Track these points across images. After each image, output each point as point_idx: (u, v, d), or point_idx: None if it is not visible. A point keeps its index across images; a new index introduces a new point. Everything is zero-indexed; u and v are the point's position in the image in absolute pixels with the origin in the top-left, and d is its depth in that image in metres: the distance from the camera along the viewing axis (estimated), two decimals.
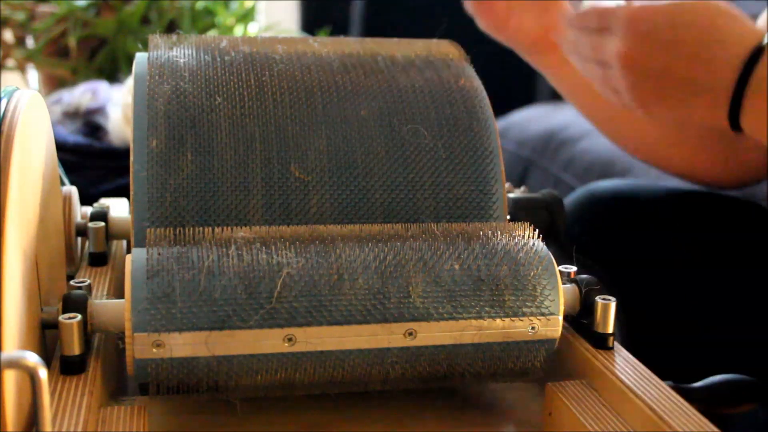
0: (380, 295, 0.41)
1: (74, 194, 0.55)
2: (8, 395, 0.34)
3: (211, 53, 0.51)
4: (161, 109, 0.47)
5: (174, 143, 0.46)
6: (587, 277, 0.47)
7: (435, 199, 0.48)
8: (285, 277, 0.41)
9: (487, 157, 0.50)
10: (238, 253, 0.41)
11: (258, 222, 0.46)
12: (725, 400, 0.52)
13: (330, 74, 0.51)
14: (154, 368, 0.40)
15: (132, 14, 1.33)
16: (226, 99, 0.48)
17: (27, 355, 0.31)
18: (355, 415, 0.47)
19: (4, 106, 0.40)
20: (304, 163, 0.47)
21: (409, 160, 0.48)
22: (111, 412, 0.40)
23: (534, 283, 0.43)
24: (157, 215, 0.45)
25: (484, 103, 0.52)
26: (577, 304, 0.47)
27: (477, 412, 0.48)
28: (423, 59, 0.54)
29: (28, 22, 1.37)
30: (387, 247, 0.43)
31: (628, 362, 0.44)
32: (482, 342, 0.43)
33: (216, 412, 0.46)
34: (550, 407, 0.45)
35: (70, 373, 0.40)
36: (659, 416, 0.39)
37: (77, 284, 0.44)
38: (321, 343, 0.41)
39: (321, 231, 0.44)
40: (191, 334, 0.39)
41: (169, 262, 0.41)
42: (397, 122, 0.49)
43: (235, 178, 0.46)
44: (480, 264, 0.43)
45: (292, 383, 0.43)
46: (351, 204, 0.47)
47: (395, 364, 0.43)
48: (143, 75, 0.49)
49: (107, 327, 0.42)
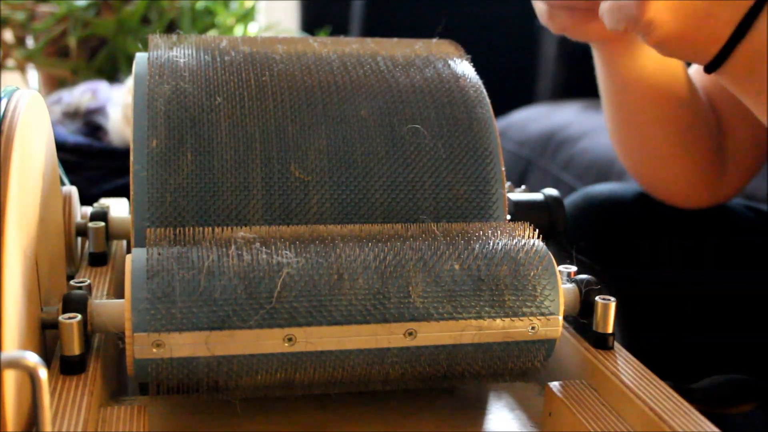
0: (380, 295, 0.41)
1: (74, 194, 0.55)
2: (8, 395, 0.34)
3: (211, 53, 0.51)
4: (161, 109, 0.47)
5: (174, 143, 0.46)
6: (587, 277, 0.47)
7: (435, 199, 0.48)
8: (285, 277, 0.41)
9: (487, 157, 0.50)
10: (238, 253, 0.41)
11: (258, 222, 0.46)
12: (725, 400, 0.53)
13: (330, 74, 0.51)
14: (154, 368, 0.40)
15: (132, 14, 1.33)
16: (226, 99, 0.48)
17: (27, 355, 0.31)
18: (355, 415, 0.47)
19: (4, 106, 0.40)
20: (304, 163, 0.47)
21: (409, 160, 0.48)
22: (111, 412, 0.40)
23: (534, 283, 0.43)
24: (157, 215, 0.45)
25: (484, 103, 0.52)
26: (577, 304, 0.47)
27: (477, 412, 0.48)
28: (423, 59, 0.54)
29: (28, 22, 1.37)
30: (387, 247, 0.43)
31: (628, 362, 0.44)
32: (482, 342, 0.43)
33: (216, 412, 0.46)
34: (550, 407, 0.45)
35: (70, 373, 0.40)
36: (659, 416, 0.39)
37: (77, 284, 0.44)
38: (321, 343, 0.41)
39: (321, 231, 0.44)
40: (191, 334, 0.40)
41: (169, 262, 0.41)
42: (397, 122, 0.49)
43: (235, 178, 0.46)
44: (480, 264, 0.43)
45: (292, 383, 0.43)
46: (351, 204, 0.47)
47: (395, 364, 0.43)
48: (143, 75, 0.49)
49: (107, 327, 0.42)
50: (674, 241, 0.76)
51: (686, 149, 0.73)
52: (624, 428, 0.41)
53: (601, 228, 0.77)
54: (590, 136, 1.25)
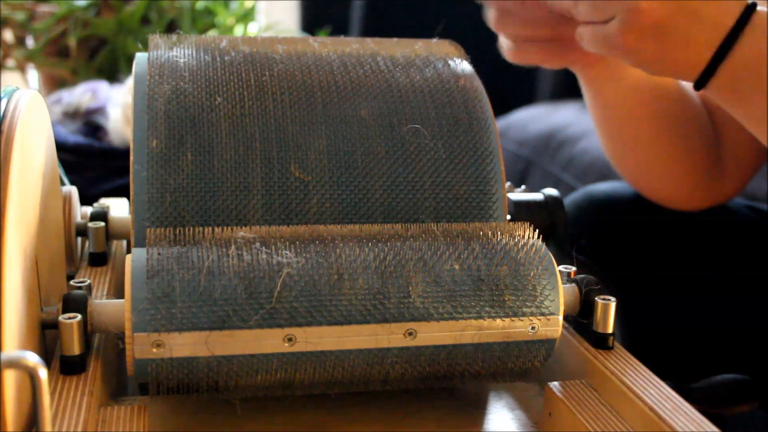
0: (380, 295, 0.41)
1: (74, 194, 0.55)
2: (8, 395, 0.34)
3: (211, 53, 0.51)
4: (161, 109, 0.47)
5: (174, 143, 0.46)
6: (587, 277, 0.47)
7: (435, 199, 0.48)
8: (285, 277, 0.41)
9: (487, 157, 0.50)
10: (238, 253, 0.41)
11: (258, 222, 0.46)
12: (725, 400, 0.53)
13: (330, 74, 0.51)
14: (154, 368, 0.40)
15: (132, 14, 1.33)
16: (226, 99, 0.48)
17: (27, 355, 0.31)
18: (355, 415, 0.47)
19: (4, 106, 0.40)
20: (304, 163, 0.47)
21: (409, 160, 0.48)
22: (111, 412, 0.40)
23: (534, 283, 0.43)
24: (157, 215, 0.45)
25: (484, 103, 0.52)
26: (577, 304, 0.47)
27: (477, 412, 0.48)
28: (423, 59, 0.54)
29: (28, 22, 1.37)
30: (387, 247, 0.43)
31: (628, 362, 0.44)
32: (482, 342, 0.43)
33: (216, 412, 0.46)
34: (550, 407, 0.45)
35: (70, 373, 0.40)
36: (659, 416, 0.39)
37: (77, 284, 0.44)
38: (321, 343, 0.41)
39: (321, 231, 0.44)
40: (191, 334, 0.39)
41: (169, 262, 0.41)
42: (397, 122, 0.49)
43: (235, 178, 0.46)
44: (480, 264, 0.43)
45: (292, 383, 0.43)
46: (351, 204, 0.47)
47: (395, 364, 0.43)
48: (143, 75, 0.49)
49: (107, 327, 0.42)
50: (675, 240, 0.76)
51: (681, 156, 0.73)
52: (624, 428, 0.41)
53: (602, 227, 0.77)
54: (590, 136, 1.25)
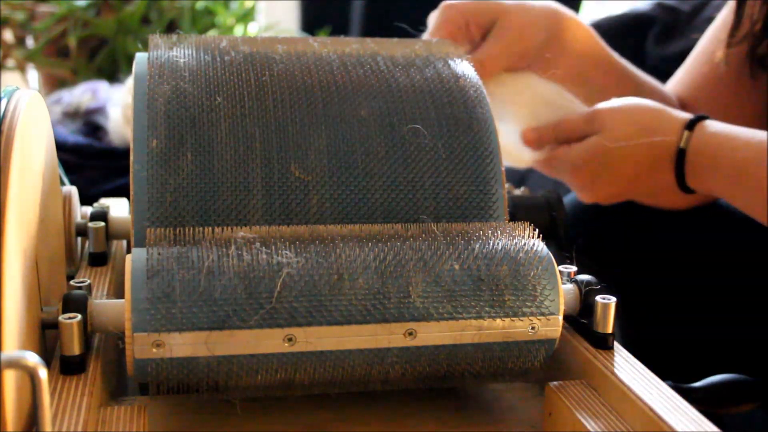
0: (380, 295, 0.41)
1: (74, 194, 0.55)
2: (8, 395, 0.34)
3: (211, 53, 0.51)
4: (161, 109, 0.47)
5: (174, 143, 0.46)
6: (587, 277, 0.47)
7: (435, 199, 0.48)
8: (285, 277, 0.41)
9: (487, 157, 0.50)
10: (238, 253, 0.41)
11: (258, 222, 0.46)
12: (725, 400, 0.53)
13: (330, 74, 0.51)
14: (154, 368, 0.40)
15: (132, 14, 1.33)
16: (226, 99, 0.48)
17: (27, 355, 0.31)
18: (355, 415, 0.47)
19: (4, 106, 0.40)
20: (304, 163, 0.47)
21: (409, 160, 0.48)
22: (111, 412, 0.40)
23: (534, 283, 0.43)
24: (157, 215, 0.45)
25: (484, 103, 0.52)
26: (577, 304, 0.47)
27: (477, 412, 0.48)
28: (423, 59, 0.54)
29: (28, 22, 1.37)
30: (387, 247, 0.43)
31: (628, 362, 0.44)
32: (482, 342, 0.43)
33: (216, 412, 0.46)
34: (550, 407, 0.45)
35: (70, 373, 0.40)
36: (659, 416, 0.39)
37: (77, 284, 0.44)
38: (321, 343, 0.41)
39: (321, 231, 0.44)
40: (191, 334, 0.39)
41: (169, 262, 0.41)
42: (397, 122, 0.49)
43: (235, 178, 0.46)
44: (480, 264, 0.43)
45: (292, 383, 0.43)
46: (351, 204, 0.47)
47: (395, 364, 0.43)
48: (143, 75, 0.49)
49: (107, 327, 0.42)
50: (674, 239, 0.76)
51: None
52: (624, 428, 0.41)
53: (603, 226, 0.77)
54: None
